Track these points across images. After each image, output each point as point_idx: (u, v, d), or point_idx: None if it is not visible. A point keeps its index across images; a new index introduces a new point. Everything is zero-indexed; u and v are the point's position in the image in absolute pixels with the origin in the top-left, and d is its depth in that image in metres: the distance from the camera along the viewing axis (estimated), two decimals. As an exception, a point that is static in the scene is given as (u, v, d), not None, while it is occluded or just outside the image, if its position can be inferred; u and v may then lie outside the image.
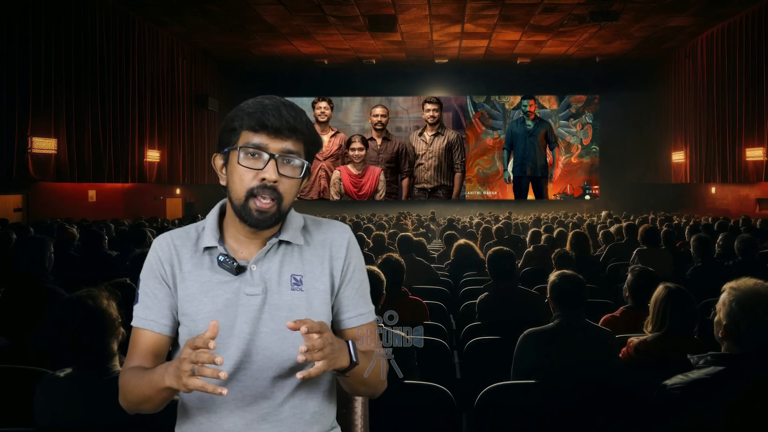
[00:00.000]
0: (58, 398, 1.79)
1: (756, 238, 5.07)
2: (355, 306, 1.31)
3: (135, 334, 1.26)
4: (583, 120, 18.58)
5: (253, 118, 1.17)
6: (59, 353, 1.94)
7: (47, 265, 3.40)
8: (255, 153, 1.18)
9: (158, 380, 1.10)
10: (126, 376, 1.21)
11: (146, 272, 1.27)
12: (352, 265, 1.30)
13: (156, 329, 1.24)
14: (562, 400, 2.35)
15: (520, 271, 4.89)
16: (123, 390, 1.21)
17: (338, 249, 1.30)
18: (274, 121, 1.16)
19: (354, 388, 1.26)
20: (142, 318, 1.25)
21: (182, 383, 1.03)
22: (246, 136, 1.18)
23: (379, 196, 17.67)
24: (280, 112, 1.17)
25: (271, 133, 1.17)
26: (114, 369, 1.82)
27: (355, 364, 1.15)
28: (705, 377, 1.72)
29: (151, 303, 1.24)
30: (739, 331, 1.75)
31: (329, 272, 1.28)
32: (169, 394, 1.12)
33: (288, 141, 1.18)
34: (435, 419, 2.29)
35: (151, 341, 1.24)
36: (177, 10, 11.87)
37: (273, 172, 1.17)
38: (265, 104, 1.18)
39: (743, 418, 1.65)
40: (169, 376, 1.07)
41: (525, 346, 2.57)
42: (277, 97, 1.21)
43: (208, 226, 1.27)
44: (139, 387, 1.15)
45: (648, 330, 2.57)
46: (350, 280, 1.30)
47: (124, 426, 1.68)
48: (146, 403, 1.17)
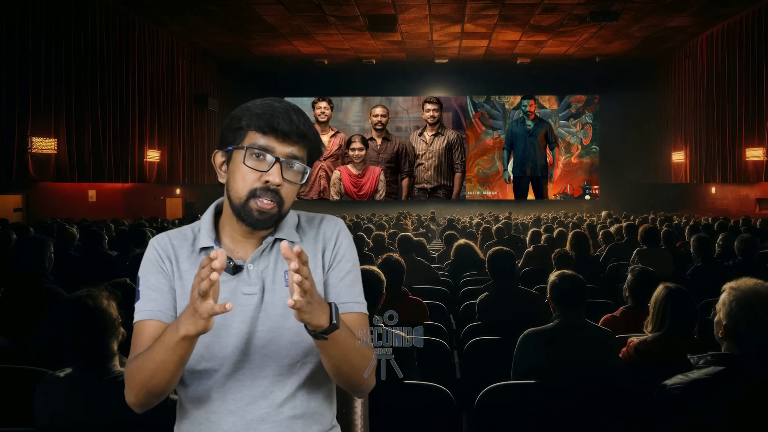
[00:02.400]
0: (58, 398, 1.79)
1: (756, 238, 5.07)
2: (338, 294, 1.27)
3: (140, 327, 1.21)
4: (583, 120, 18.58)
5: (262, 120, 1.17)
6: (59, 353, 1.94)
7: (47, 265, 3.40)
8: (261, 155, 1.17)
9: (171, 338, 1.06)
10: (131, 363, 1.16)
11: (147, 268, 1.25)
12: (339, 254, 1.29)
13: (164, 319, 1.21)
14: (562, 400, 2.35)
15: (520, 271, 4.89)
16: (130, 376, 1.16)
17: (329, 240, 1.30)
18: (284, 125, 1.16)
19: (336, 364, 1.18)
20: (147, 310, 1.21)
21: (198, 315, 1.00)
22: (253, 137, 1.18)
23: (379, 196, 17.68)
24: (290, 116, 1.17)
25: (279, 136, 1.17)
26: (114, 369, 1.82)
27: (335, 327, 1.09)
28: (705, 377, 1.72)
29: (156, 296, 1.22)
30: (739, 331, 1.75)
31: (321, 264, 1.28)
32: (185, 349, 1.08)
33: (295, 146, 1.18)
34: (435, 419, 2.29)
35: (158, 331, 1.19)
36: (177, 10, 11.87)
37: (278, 175, 1.17)
38: (274, 107, 1.17)
39: (743, 418, 1.65)
40: (182, 323, 1.04)
41: (525, 346, 2.57)
42: (285, 100, 1.20)
43: (204, 227, 1.27)
44: (149, 359, 1.11)
45: (648, 330, 2.57)
46: (335, 267, 1.28)
47: (124, 426, 1.68)
48: (159, 374, 1.11)
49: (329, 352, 1.15)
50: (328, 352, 1.15)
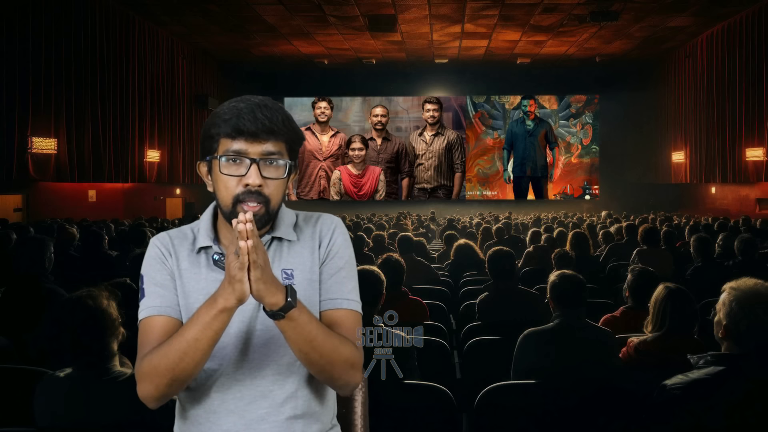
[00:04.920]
0: (58, 398, 1.79)
1: (756, 238, 5.07)
2: (327, 290, 1.26)
3: (149, 323, 1.20)
4: (583, 120, 18.58)
5: (228, 125, 1.16)
6: (59, 353, 1.94)
7: (47, 265, 3.40)
8: (236, 159, 1.17)
9: (207, 312, 1.07)
10: (152, 353, 1.14)
11: (150, 265, 1.25)
12: (333, 251, 1.29)
13: (173, 314, 1.21)
14: (562, 400, 2.35)
15: (520, 271, 4.89)
16: (151, 366, 1.12)
17: (324, 237, 1.29)
18: (249, 125, 1.15)
19: (303, 350, 1.15)
20: (155, 306, 1.21)
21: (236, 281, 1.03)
22: (225, 144, 1.18)
23: (379, 196, 17.67)
24: (255, 115, 1.16)
25: (248, 137, 1.16)
26: (114, 369, 1.81)
27: (291, 305, 1.08)
28: (705, 377, 1.72)
29: (163, 291, 1.22)
30: (739, 331, 1.75)
31: (318, 261, 1.28)
32: (222, 323, 1.09)
33: (267, 143, 1.17)
34: (435, 419, 2.29)
35: (169, 326, 1.20)
36: (177, 10, 11.87)
37: (256, 176, 1.16)
38: (239, 108, 1.16)
39: (743, 418, 1.65)
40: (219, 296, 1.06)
41: (525, 346, 2.57)
42: (252, 98, 1.19)
43: (203, 227, 1.28)
44: (180, 339, 1.10)
45: (648, 330, 2.57)
46: (327, 263, 1.28)
47: (124, 426, 1.68)
48: (190, 355, 1.09)
49: (292, 336, 1.12)
50: (290, 336, 1.13)
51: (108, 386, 1.77)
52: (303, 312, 1.12)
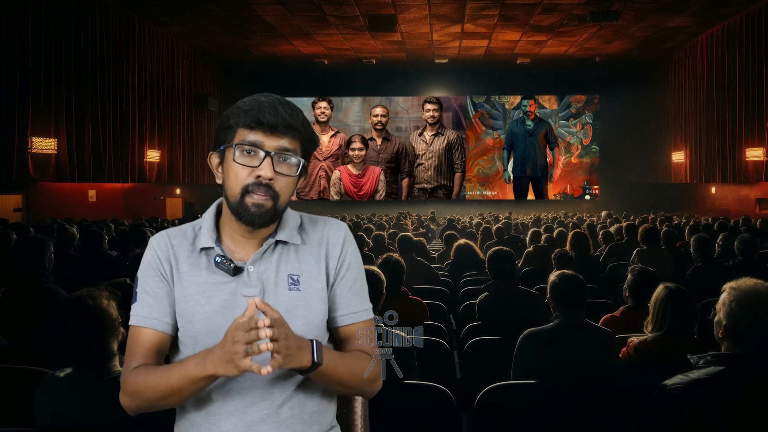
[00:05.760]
0: (58, 398, 1.79)
1: (756, 238, 5.07)
2: (347, 304, 1.28)
3: (135, 333, 1.23)
4: (583, 120, 18.58)
5: (249, 116, 1.17)
6: (59, 353, 1.94)
7: (47, 265, 3.40)
8: (251, 150, 1.18)
9: (196, 370, 1.09)
10: (139, 375, 1.17)
11: (145, 270, 1.25)
12: (346, 263, 1.29)
13: (159, 327, 1.22)
14: (562, 400, 2.35)
15: (520, 271, 4.89)
16: (136, 389, 1.17)
17: (334, 246, 1.29)
18: (269, 118, 1.16)
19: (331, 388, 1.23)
20: (143, 316, 1.23)
21: (234, 365, 1.03)
22: (242, 134, 1.18)
23: (379, 196, 17.67)
24: (276, 109, 1.17)
25: (267, 130, 1.17)
26: (114, 369, 1.82)
27: (318, 365, 1.11)
28: (705, 377, 1.72)
29: (153, 301, 1.23)
30: (739, 331, 1.75)
31: (325, 270, 1.27)
32: (208, 383, 1.11)
33: (284, 138, 1.18)
34: (435, 419, 2.29)
35: (154, 340, 1.22)
36: (177, 10, 11.87)
37: (269, 169, 1.17)
38: (261, 102, 1.18)
39: (743, 418, 1.65)
40: (213, 363, 1.06)
41: (525, 346, 2.57)
42: (273, 94, 1.20)
43: (205, 226, 1.27)
44: (165, 382, 1.13)
45: (648, 330, 2.57)
46: (343, 277, 1.28)
47: (124, 426, 1.68)
48: (172, 397, 1.14)
49: (320, 381, 1.18)
50: (319, 381, 1.18)
51: (108, 386, 1.76)
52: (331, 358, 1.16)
